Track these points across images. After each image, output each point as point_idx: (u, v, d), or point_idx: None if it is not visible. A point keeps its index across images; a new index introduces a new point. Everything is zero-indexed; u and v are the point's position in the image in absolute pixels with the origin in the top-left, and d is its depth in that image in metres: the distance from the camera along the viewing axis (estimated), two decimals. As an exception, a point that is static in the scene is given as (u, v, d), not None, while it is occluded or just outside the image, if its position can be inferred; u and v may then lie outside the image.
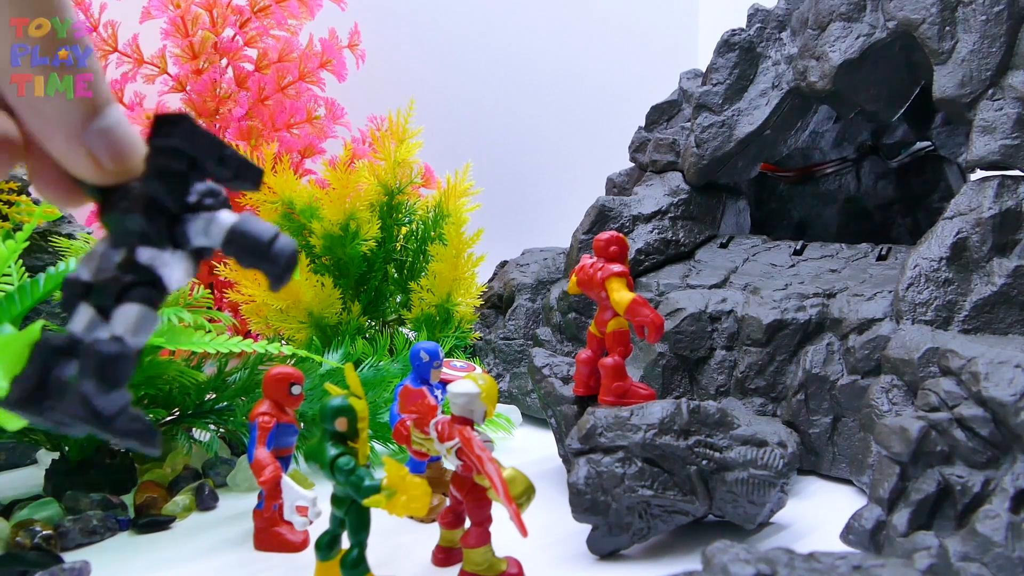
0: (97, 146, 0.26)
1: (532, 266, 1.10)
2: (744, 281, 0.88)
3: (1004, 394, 0.52)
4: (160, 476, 0.72)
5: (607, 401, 0.64)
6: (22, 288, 0.58)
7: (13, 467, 0.80)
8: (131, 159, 0.27)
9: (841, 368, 0.74)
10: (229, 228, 0.28)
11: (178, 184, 0.28)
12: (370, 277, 1.02)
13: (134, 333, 0.27)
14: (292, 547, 0.59)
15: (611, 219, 0.99)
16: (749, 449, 0.60)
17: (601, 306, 0.65)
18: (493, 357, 1.04)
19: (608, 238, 0.64)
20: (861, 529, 0.55)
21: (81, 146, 0.26)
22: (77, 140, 0.26)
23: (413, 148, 1.02)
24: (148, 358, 0.69)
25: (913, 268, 0.72)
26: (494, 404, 0.52)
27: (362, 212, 0.95)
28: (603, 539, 0.58)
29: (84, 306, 0.27)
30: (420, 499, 0.47)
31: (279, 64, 1.22)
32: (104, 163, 0.26)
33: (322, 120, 1.25)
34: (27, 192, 0.85)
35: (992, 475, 0.52)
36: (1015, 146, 0.72)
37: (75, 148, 0.26)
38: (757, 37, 1.00)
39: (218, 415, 0.75)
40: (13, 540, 0.57)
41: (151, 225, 0.28)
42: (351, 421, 0.49)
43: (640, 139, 1.15)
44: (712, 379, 0.81)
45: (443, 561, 0.56)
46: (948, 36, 0.77)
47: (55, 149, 0.27)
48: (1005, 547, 0.46)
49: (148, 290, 0.28)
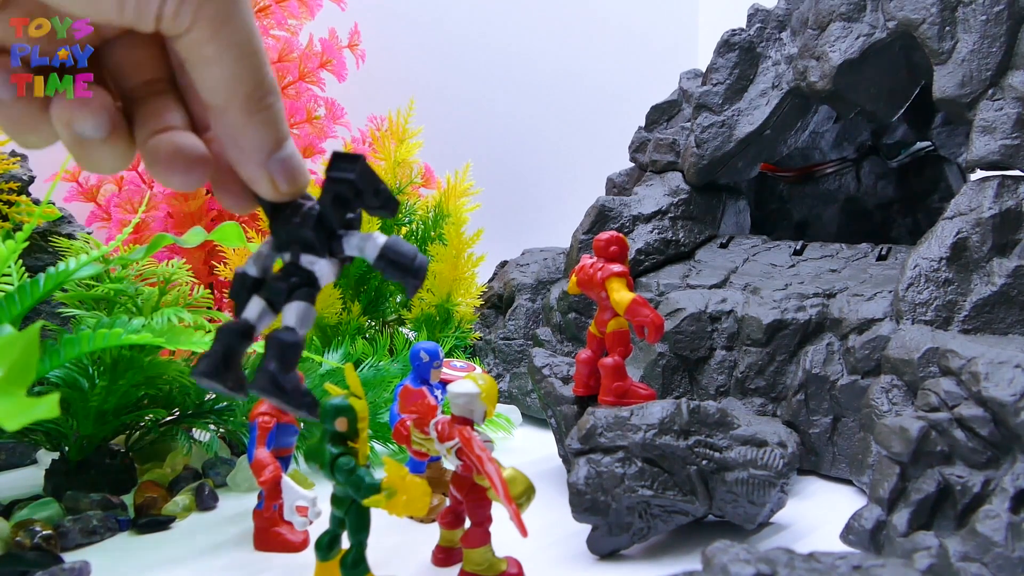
0: (277, 173, 0.34)
1: (532, 266, 1.10)
2: (744, 281, 0.88)
3: (1004, 394, 0.52)
4: (160, 476, 0.72)
5: (607, 401, 0.64)
6: (22, 288, 0.58)
7: (13, 467, 0.80)
8: (301, 184, 0.35)
9: (841, 368, 0.74)
10: (383, 246, 0.36)
11: (344, 208, 0.36)
12: (370, 277, 1.02)
13: (301, 325, 0.35)
14: (292, 547, 0.59)
15: (611, 219, 0.99)
16: (749, 449, 0.60)
17: (601, 306, 0.65)
18: (493, 357, 1.04)
19: (608, 238, 0.64)
20: (861, 529, 0.55)
21: (265, 173, 0.34)
22: (263, 168, 0.34)
23: (413, 148, 1.02)
24: (148, 358, 0.69)
25: (913, 268, 0.72)
26: (494, 404, 0.52)
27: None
28: (603, 539, 0.58)
29: (256, 298, 0.35)
30: (420, 499, 0.47)
31: (279, 64, 1.22)
32: (281, 187, 0.35)
33: (322, 120, 1.25)
34: (27, 192, 0.85)
35: (992, 475, 0.52)
36: (1015, 146, 0.72)
37: (261, 174, 0.34)
38: (757, 37, 1.00)
39: (218, 415, 0.75)
40: (13, 540, 0.57)
41: (317, 237, 0.35)
42: (351, 421, 0.49)
43: (640, 139, 1.15)
44: (712, 379, 0.81)
45: (443, 561, 0.56)
46: (948, 36, 0.78)
47: (244, 173, 0.35)
48: (1005, 547, 0.46)
49: (310, 289, 0.35)
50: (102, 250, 0.63)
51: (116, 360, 0.68)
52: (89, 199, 1.15)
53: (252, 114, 0.33)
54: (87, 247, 0.73)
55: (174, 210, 1.15)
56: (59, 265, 0.60)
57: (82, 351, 0.57)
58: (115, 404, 0.69)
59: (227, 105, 0.33)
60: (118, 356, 0.68)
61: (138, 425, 0.76)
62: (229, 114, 0.33)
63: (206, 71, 0.32)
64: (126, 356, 0.68)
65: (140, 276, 0.75)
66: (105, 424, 0.70)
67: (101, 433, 0.71)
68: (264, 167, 0.34)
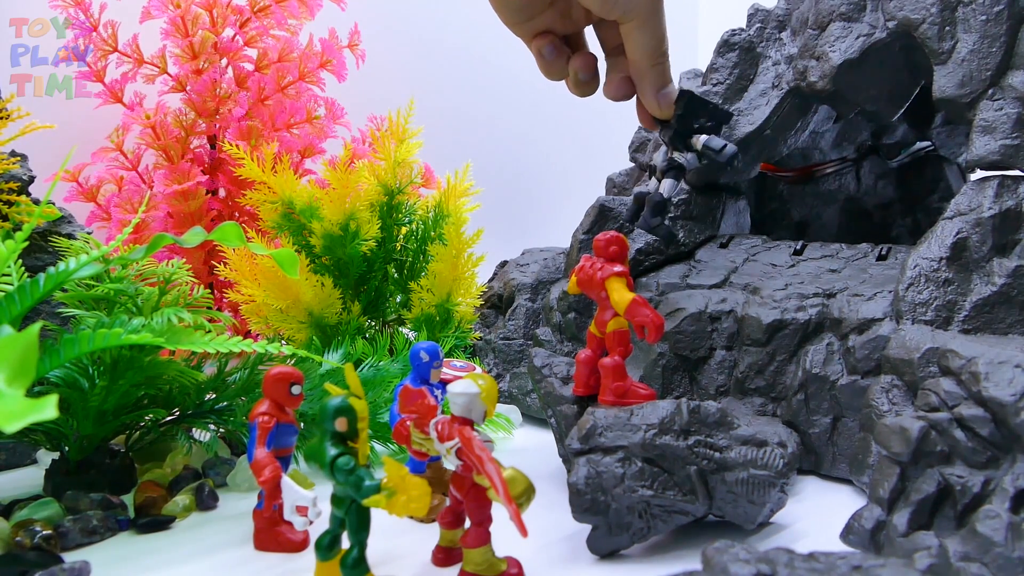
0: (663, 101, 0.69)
1: (532, 266, 1.10)
2: (744, 281, 0.88)
3: (1004, 394, 0.52)
4: (160, 476, 0.72)
5: (607, 401, 0.64)
6: (22, 288, 0.58)
7: (13, 467, 0.80)
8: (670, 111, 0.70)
9: (841, 368, 0.74)
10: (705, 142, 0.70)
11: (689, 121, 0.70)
12: (370, 277, 1.02)
13: (669, 192, 0.74)
14: (292, 547, 0.59)
15: (611, 219, 0.99)
16: (749, 449, 0.60)
17: (601, 306, 0.65)
18: (493, 357, 1.04)
19: (608, 238, 0.64)
20: (861, 529, 0.55)
21: (655, 100, 0.69)
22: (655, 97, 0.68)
23: (413, 148, 1.02)
24: (148, 358, 0.69)
25: (913, 268, 0.72)
26: (494, 404, 0.52)
27: (362, 212, 0.95)
28: (603, 539, 0.58)
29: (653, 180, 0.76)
30: (420, 499, 0.47)
31: (279, 64, 1.22)
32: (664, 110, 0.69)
33: (322, 120, 1.25)
34: (27, 192, 0.85)
35: (992, 475, 0.52)
36: (1015, 146, 0.72)
37: (654, 101, 0.69)
38: (757, 37, 1.00)
39: (218, 415, 0.75)
40: (13, 540, 0.57)
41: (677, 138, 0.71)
42: (351, 421, 0.49)
43: (640, 139, 1.15)
44: (712, 379, 0.81)
45: (443, 561, 0.56)
46: (948, 36, 0.77)
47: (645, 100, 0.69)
48: (1005, 547, 0.46)
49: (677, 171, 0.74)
50: (102, 250, 0.63)
51: (116, 360, 0.68)
52: (89, 199, 1.15)
53: (653, 66, 0.66)
54: (87, 247, 0.73)
55: (174, 210, 1.15)
56: (59, 265, 0.60)
57: (82, 351, 0.57)
58: (115, 404, 0.69)
59: (641, 59, 0.65)
60: (118, 356, 0.68)
61: (138, 425, 0.76)
62: (641, 64, 0.66)
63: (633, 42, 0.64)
64: (126, 356, 0.68)
65: (140, 276, 0.75)
66: (105, 424, 0.70)
67: (101, 433, 0.71)
68: (655, 97, 0.68)
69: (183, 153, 1.16)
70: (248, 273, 0.93)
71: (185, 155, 1.17)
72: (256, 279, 0.92)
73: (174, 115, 1.17)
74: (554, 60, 0.67)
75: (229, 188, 1.20)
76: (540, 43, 0.67)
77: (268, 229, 0.98)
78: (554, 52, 0.67)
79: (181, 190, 1.12)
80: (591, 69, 0.69)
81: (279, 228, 0.97)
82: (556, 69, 0.68)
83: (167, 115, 1.16)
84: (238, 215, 1.21)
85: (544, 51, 0.67)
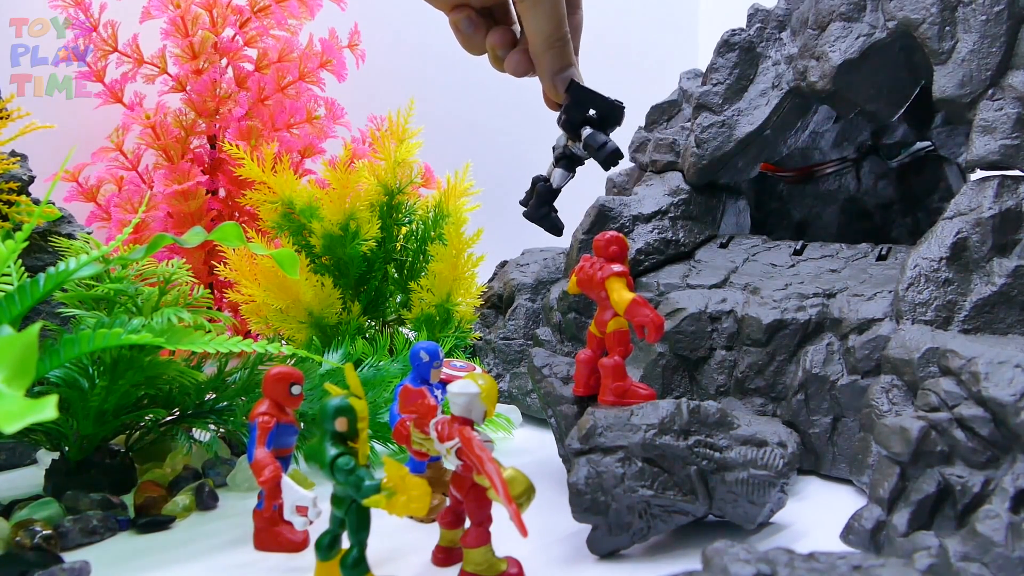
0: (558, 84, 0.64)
1: (532, 266, 1.10)
2: (744, 281, 0.88)
3: (1004, 394, 0.52)
4: (160, 476, 0.72)
5: (607, 401, 0.64)
6: (22, 288, 0.58)
7: (13, 467, 0.80)
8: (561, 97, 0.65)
9: (841, 368, 0.74)
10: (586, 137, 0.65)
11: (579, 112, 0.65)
12: (370, 277, 1.02)
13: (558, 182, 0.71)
14: (292, 547, 0.59)
15: (611, 219, 0.99)
16: (749, 449, 0.60)
17: (601, 306, 0.65)
18: (493, 357, 1.04)
19: (608, 238, 0.64)
20: (861, 529, 0.55)
21: (551, 83, 0.64)
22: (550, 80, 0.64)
23: (413, 148, 1.02)
24: (148, 358, 0.69)
25: (913, 268, 0.72)
26: (494, 404, 0.52)
27: (362, 212, 0.95)
28: (603, 539, 0.58)
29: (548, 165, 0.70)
30: (420, 499, 0.47)
31: (279, 64, 1.22)
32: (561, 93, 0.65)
33: (322, 120, 1.25)
34: (27, 192, 0.85)
35: (992, 475, 0.52)
36: (1015, 146, 0.72)
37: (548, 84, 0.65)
38: (757, 37, 1.00)
39: (218, 415, 0.75)
40: (13, 540, 0.57)
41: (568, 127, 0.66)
42: (351, 421, 0.49)
43: (640, 139, 1.15)
44: (712, 379, 0.81)
45: (443, 561, 0.56)
46: (948, 36, 0.77)
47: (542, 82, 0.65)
48: (1005, 547, 0.46)
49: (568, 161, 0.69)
50: (102, 250, 0.63)
51: (116, 360, 0.68)
52: (89, 199, 1.15)
53: (548, 49, 0.62)
54: (87, 247, 0.73)
55: (174, 210, 1.15)
56: (59, 265, 0.60)
57: (82, 351, 0.57)
58: (115, 404, 0.69)
59: (536, 40, 0.62)
60: (118, 356, 0.68)
61: (138, 425, 0.76)
62: (537, 45, 0.63)
63: (528, 21, 0.62)
64: (126, 356, 0.68)
65: (140, 276, 0.75)
66: (105, 424, 0.70)
67: (101, 433, 0.71)
68: (551, 79, 0.64)
69: (183, 153, 1.16)
70: (248, 273, 0.93)
71: (185, 155, 1.17)
72: (256, 279, 0.92)
73: (174, 115, 1.17)
74: (472, 34, 0.65)
75: (229, 188, 1.20)
76: (457, 16, 0.64)
77: (268, 229, 0.98)
78: (471, 26, 0.65)
79: (181, 190, 1.12)
80: (509, 45, 0.66)
81: (279, 228, 0.97)
82: (475, 43, 0.66)
83: (167, 115, 1.16)
84: (238, 215, 1.21)
85: (461, 24, 0.65)
